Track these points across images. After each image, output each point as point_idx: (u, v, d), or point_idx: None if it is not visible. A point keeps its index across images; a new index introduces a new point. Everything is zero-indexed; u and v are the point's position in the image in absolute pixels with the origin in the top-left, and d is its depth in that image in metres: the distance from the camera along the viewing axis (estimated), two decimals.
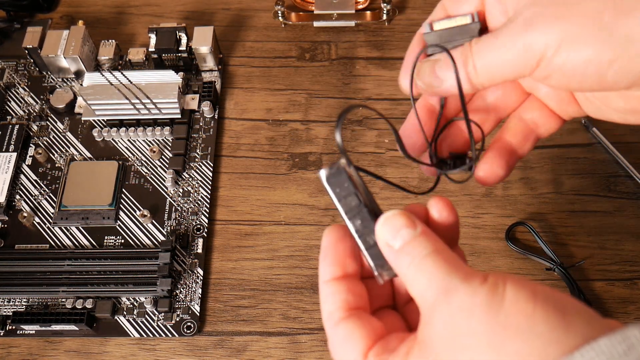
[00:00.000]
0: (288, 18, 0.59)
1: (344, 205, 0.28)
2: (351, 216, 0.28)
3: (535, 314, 0.23)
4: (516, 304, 0.23)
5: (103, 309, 0.46)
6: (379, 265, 0.27)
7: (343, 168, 0.28)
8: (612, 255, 0.47)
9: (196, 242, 0.49)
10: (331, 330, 0.28)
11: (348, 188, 0.28)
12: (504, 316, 0.23)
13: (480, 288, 0.24)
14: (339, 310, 0.28)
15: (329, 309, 0.28)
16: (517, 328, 0.22)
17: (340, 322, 0.28)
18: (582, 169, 0.50)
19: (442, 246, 0.27)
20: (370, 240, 0.27)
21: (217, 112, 0.55)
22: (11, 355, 0.45)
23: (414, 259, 0.26)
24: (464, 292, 0.24)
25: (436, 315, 0.24)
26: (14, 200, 0.51)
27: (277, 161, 0.52)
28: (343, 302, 0.28)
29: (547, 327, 0.22)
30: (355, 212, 0.27)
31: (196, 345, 0.45)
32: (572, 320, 0.22)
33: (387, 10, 0.57)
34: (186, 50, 0.55)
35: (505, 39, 0.27)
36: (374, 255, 0.27)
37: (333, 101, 0.55)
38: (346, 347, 0.27)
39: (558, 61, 0.26)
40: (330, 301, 0.28)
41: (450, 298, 0.24)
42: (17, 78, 0.58)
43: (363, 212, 0.27)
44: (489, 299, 0.23)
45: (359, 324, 0.27)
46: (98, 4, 0.62)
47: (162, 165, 0.52)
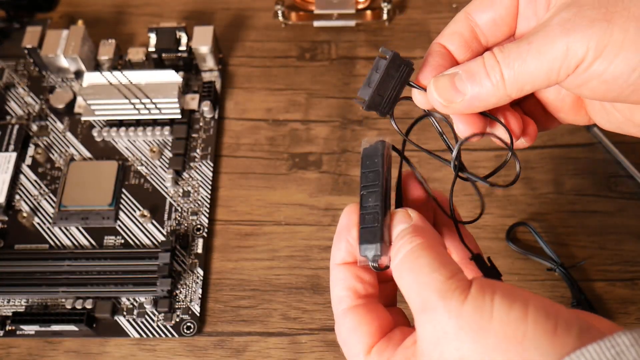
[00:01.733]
0: (288, 18, 0.59)
1: (365, 178, 0.28)
2: (365, 191, 0.27)
3: (526, 337, 0.22)
4: (506, 325, 0.22)
5: (103, 309, 0.46)
6: (362, 247, 0.27)
7: (384, 147, 0.28)
8: (613, 256, 0.47)
9: (196, 242, 0.49)
10: (339, 317, 0.27)
11: (377, 165, 0.27)
12: (492, 340, 0.22)
13: (464, 307, 0.23)
14: (348, 297, 0.27)
15: (338, 293, 0.28)
16: (506, 353, 0.22)
17: (348, 311, 0.27)
18: (583, 169, 0.50)
19: (430, 241, 0.25)
20: (368, 220, 0.27)
21: (217, 112, 0.55)
22: (11, 356, 0.45)
23: (396, 257, 0.26)
24: (447, 314, 0.23)
25: (422, 331, 0.24)
26: (13, 201, 0.51)
27: (277, 161, 0.52)
28: (353, 288, 0.27)
29: (538, 352, 0.21)
30: (370, 189, 0.27)
31: (196, 346, 0.45)
32: (563, 340, 0.22)
33: (388, 10, 0.57)
34: (186, 50, 0.55)
35: (540, 43, 0.25)
36: (363, 236, 0.27)
37: (333, 101, 0.55)
38: (352, 339, 0.27)
39: (598, 68, 0.24)
40: (341, 286, 0.28)
41: (431, 318, 0.23)
42: (16, 78, 0.57)
43: (377, 193, 0.27)
44: (476, 321, 0.22)
45: (367, 318, 0.27)
46: (98, 4, 0.62)
47: (162, 165, 0.52)
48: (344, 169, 0.51)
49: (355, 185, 0.51)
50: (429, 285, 0.24)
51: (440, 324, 0.23)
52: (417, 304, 0.24)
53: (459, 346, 0.22)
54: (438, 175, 0.50)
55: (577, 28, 0.24)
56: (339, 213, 0.49)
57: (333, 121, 0.54)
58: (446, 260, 0.25)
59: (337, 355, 0.44)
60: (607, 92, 0.25)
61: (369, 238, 0.27)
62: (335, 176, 0.51)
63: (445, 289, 0.23)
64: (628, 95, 0.25)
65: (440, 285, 0.23)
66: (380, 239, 0.26)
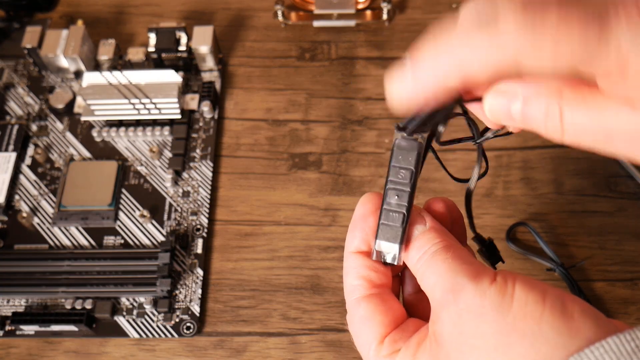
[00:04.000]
0: (288, 18, 0.58)
1: (394, 173, 0.27)
2: (393, 187, 0.27)
3: (543, 318, 0.23)
4: (525, 306, 0.23)
5: (102, 310, 0.46)
6: (382, 244, 0.27)
7: (420, 144, 0.27)
8: (613, 256, 0.47)
9: (196, 243, 0.49)
10: (352, 306, 0.27)
11: (411, 163, 0.27)
12: (511, 319, 0.23)
13: (489, 289, 0.24)
14: (362, 286, 0.27)
15: (351, 282, 0.28)
16: (524, 331, 0.22)
17: (362, 300, 0.27)
18: (583, 169, 0.50)
19: (452, 242, 0.26)
20: (392, 218, 0.27)
21: (217, 112, 0.55)
22: (10, 356, 0.45)
23: (424, 255, 0.26)
24: (472, 293, 0.24)
25: (444, 314, 0.24)
26: (13, 201, 0.51)
27: (277, 161, 0.52)
28: (367, 278, 0.28)
29: (555, 332, 0.22)
30: (400, 187, 0.27)
31: (196, 346, 0.45)
32: (580, 325, 0.22)
33: (388, 10, 0.57)
34: (186, 50, 0.55)
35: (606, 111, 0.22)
36: (383, 233, 0.27)
37: (333, 101, 0.55)
38: (365, 329, 0.27)
39: None
40: (354, 275, 0.28)
41: (458, 298, 0.24)
42: (16, 78, 0.57)
43: (406, 194, 0.27)
44: (498, 301, 0.23)
45: (381, 309, 0.27)
46: (97, 4, 0.62)
47: (162, 165, 0.52)
48: (344, 169, 0.51)
49: (355, 185, 0.51)
50: (461, 272, 0.25)
51: (466, 302, 0.24)
52: (444, 288, 0.25)
53: (479, 324, 0.23)
54: (438, 175, 0.50)
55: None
56: (339, 213, 0.49)
57: (333, 121, 0.54)
58: (473, 258, 0.26)
59: (337, 355, 0.44)
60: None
61: (389, 237, 0.27)
62: (335, 176, 0.51)
63: (475, 274, 0.24)
64: None
65: (471, 272, 0.24)
66: (401, 242, 0.27)
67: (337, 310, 0.46)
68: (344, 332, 0.45)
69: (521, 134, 0.51)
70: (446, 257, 0.25)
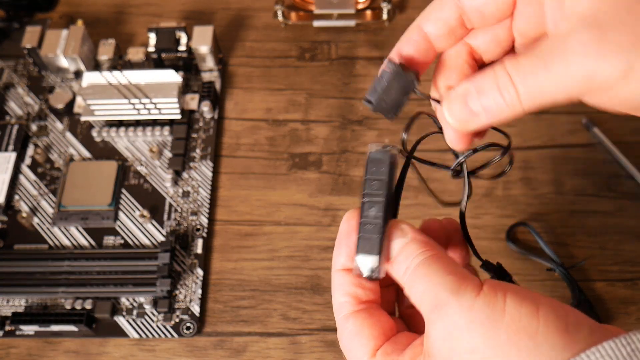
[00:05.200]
0: (288, 18, 0.58)
1: (368, 186, 0.27)
2: (368, 199, 0.27)
3: (538, 332, 0.22)
4: (518, 321, 0.22)
5: (102, 310, 0.45)
6: (360, 257, 0.27)
7: (391, 155, 0.27)
8: (613, 256, 0.47)
9: (196, 243, 0.49)
10: (341, 323, 0.27)
11: (383, 174, 0.27)
12: (504, 334, 0.22)
13: (476, 301, 0.23)
14: (349, 303, 0.27)
15: (338, 299, 0.28)
16: (518, 347, 0.22)
17: (350, 316, 0.27)
18: (583, 169, 0.50)
19: (435, 251, 0.26)
20: (368, 229, 0.27)
21: (217, 112, 0.55)
22: (10, 356, 0.45)
23: (407, 270, 0.26)
24: (459, 307, 0.23)
25: (433, 330, 0.24)
26: (12, 201, 0.51)
27: (277, 161, 0.52)
28: (353, 295, 0.27)
29: (550, 347, 0.22)
30: (374, 198, 0.27)
31: (196, 346, 0.45)
32: (574, 336, 0.22)
33: (388, 10, 0.57)
34: (186, 50, 0.55)
35: (557, 64, 0.23)
36: (361, 246, 0.27)
37: (333, 101, 0.55)
38: (355, 344, 0.27)
39: (626, 91, 0.23)
40: (341, 292, 0.28)
41: (442, 313, 0.24)
42: (16, 78, 0.57)
43: (380, 204, 0.27)
44: (487, 313, 0.23)
45: (369, 322, 0.27)
46: (97, 4, 0.62)
47: (162, 165, 0.52)
48: (344, 169, 0.51)
49: (355, 185, 0.51)
50: (442, 285, 0.24)
51: (452, 317, 0.23)
52: (429, 304, 0.24)
53: (470, 339, 0.23)
54: (438, 175, 0.50)
55: (603, 53, 0.23)
56: (339, 213, 0.49)
57: (333, 121, 0.54)
58: (457, 267, 0.25)
59: (337, 355, 0.44)
60: (632, 110, 0.25)
61: (368, 249, 0.26)
62: (335, 176, 0.51)
63: (457, 286, 0.24)
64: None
65: (452, 285, 0.24)
66: (379, 252, 0.26)
67: None
68: None
69: (521, 133, 0.51)
70: (427, 271, 0.25)
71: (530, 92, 0.24)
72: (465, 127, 0.26)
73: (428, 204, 0.49)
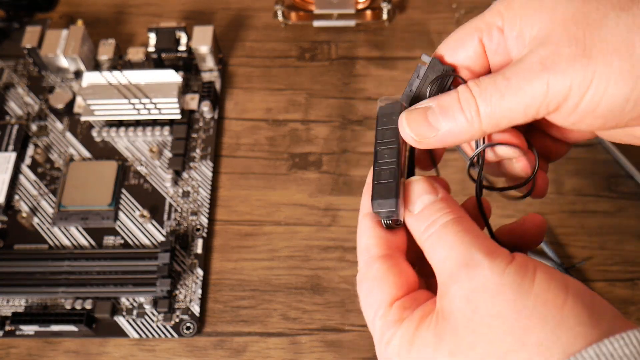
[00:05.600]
0: (288, 18, 0.58)
1: (381, 135, 0.28)
2: (381, 147, 0.27)
3: (565, 306, 0.22)
4: (546, 292, 0.22)
5: (102, 310, 0.45)
6: (376, 203, 0.26)
7: (401, 105, 0.28)
8: (613, 256, 0.47)
9: (196, 243, 0.49)
10: (365, 265, 0.27)
11: (394, 122, 0.28)
12: (532, 303, 0.22)
13: (508, 268, 0.23)
14: (376, 246, 0.27)
15: (365, 241, 0.27)
16: (545, 318, 0.22)
17: (376, 259, 0.26)
18: (583, 169, 0.50)
19: (464, 215, 0.25)
20: (383, 175, 0.27)
21: (217, 112, 0.55)
22: (10, 356, 0.45)
23: (432, 225, 0.25)
24: (490, 270, 0.23)
25: (455, 288, 0.24)
26: (12, 201, 0.51)
27: (277, 161, 0.52)
28: (381, 238, 0.27)
29: (576, 321, 0.22)
30: (387, 146, 0.27)
31: (196, 346, 0.45)
32: (600, 318, 0.22)
33: (388, 10, 0.57)
34: (186, 50, 0.55)
35: (519, 79, 0.25)
36: (377, 191, 0.27)
37: (333, 101, 0.55)
38: (375, 289, 0.26)
39: (589, 106, 0.24)
40: (368, 234, 0.27)
41: (472, 273, 0.23)
42: (16, 78, 0.57)
43: (393, 150, 0.27)
44: (518, 282, 0.23)
45: (395, 270, 0.26)
46: (97, 4, 0.62)
47: (162, 165, 0.52)
48: (344, 169, 0.51)
49: (355, 185, 0.51)
50: (474, 245, 0.24)
51: (482, 279, 0.23)
52: (456, 262, 0.24)
53: (496, 303, 0.23)
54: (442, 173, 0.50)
55: (557, 67, 0.24)
56: (339, 213, 0.49)
57: (333, 121, 0.54)
58: (486, 236, 0.25)
59: (337, 355, 0.44)
60: (605, 124, 0.25)
61: (383, 193, 0.26)
62: (335, 176, 0.51)
63: (492, 249, 0.24)
64: (627, 122, 0.25)
65: (487, 246, 0.24)
66: (396, 195, 0.26)
67: (337, 311, 0.46)
68: (344, 332, 0.45)
69: None
70: (458, 230, 0.25)
71: (490, 110, 0.25)
72: (423, 142, 0.27)
73: None
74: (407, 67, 0.56)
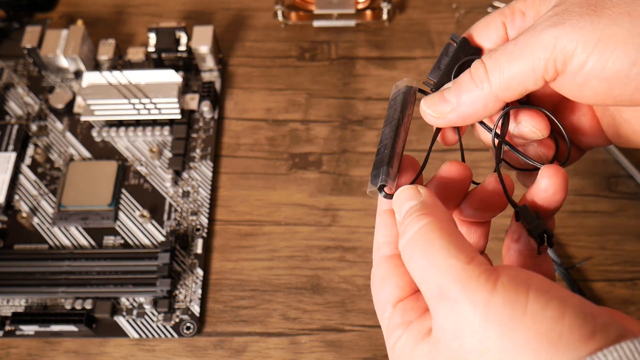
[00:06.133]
0: (288, 18, 0.58)
1: (386, 118, 0.29)
2: (384, 127, 0.29)
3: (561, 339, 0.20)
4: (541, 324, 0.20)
5: (102, 310, 0.45)
6: (371, 175, 0.28)
7: (407, 88, 0.29)
8: (613, 256, 0.47)
9: (196, 243, 0.49)
10: (375, 264, 0.27)
11: (396, 103, 0.29)
12: (523, 337, 0.21)
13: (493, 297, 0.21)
14: (387, 245, 0.27)
15: (379, 239, 0.28)
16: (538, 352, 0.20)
17: (384, 259, 0.27)
18: (583, 169, 0.50)
19: (443, 219, 0.24)
20: (381, 150, 0.28)
21: (217, 112, 0.55)
22: (10, 356, 0.45)
23: (407, 232, 0.24)
24: (471, 306, 0.21)
25: (441, 317, 0.23)
26: (12, 201, 0.51)
27: (277, 161, 0.52)
28: (392, 237, 0.27)
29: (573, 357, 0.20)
30: (387, 124, 0.29)
31: (196, 346, 0.45)
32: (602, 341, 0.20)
33: (388, 10, 0.57)
34: (186, 50, 0.55)
35: (526, 37, 0.25)
36: (374, 165, 0.28)
37: (333, 101, 0.55)
38: (381, 289, 0.26)
39: (596, 66, 0.24)
40: (382, 233, 0.28)
41: (451, 308, 0.22)
42: (16, 78, 0.57)
43: (391, 125, 0.28)
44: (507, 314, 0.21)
45: (399, 271, 0.26)
46: (97, 4, 0.62)
47: (162, 165, 0.52)
48: (344, 169, 0.51)
49: (355, 185, 0.51)
50: (447, 273, 0.22)
51: (463, 314, 0.21)
52: (432, 291, 0.23)
53: (483, 339, 0.21)
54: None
55: (564, 22, 0.24)
56: (339, 213, 0.49)
57: (333, 121, 0.54)
58: (460, 242, 0.23)
59: (337, 355, 0.44)
60: (609, 91, 0.25)
61: (377, 165, 0.27)
62: (335, 176, 0.51)
63: (467, 277, 0.22)
64: (631, 93, 0.24)
65: (460, 273, 0.22)
66: (387, 163, 0.27)
67: (337, 311, 0.46)
68: (344, 332, 0.45)
69: None
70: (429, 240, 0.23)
71: (499, 72, 0.26)
72: (441, 118, 0.28)
73: None
74: (407, 67, 0.56)
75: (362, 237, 0.48)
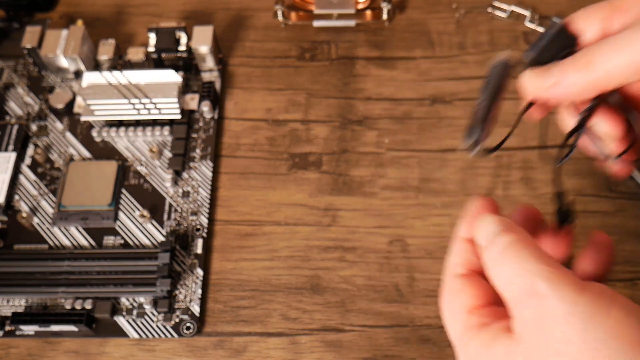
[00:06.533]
0: (288, 18, 0.58)
1: (482, 89, 0.31)
2: (481, 92, 0.31)
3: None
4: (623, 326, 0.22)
5: (102, 310, 0.45)
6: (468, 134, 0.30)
7: (500, 60, 0.31)
8: None
9: (196, 243, 0.49)
10: (449, 280, 0.29)
11: (494, 73, 0.31)
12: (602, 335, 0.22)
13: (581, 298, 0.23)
14: (462, 266, 0.29)
15: (454, 260, 0.29)
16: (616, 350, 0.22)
17: (459, 276, 0.28)
18: (583, 169, 0.50)
19: (526, 235, 0.26)
20: (476, 112, 0.30)
21: (217, 112, 0.55)
22: (10, 356, 0.45)
23: (495, 246, 0.26)
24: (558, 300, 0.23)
25: (525, 313, 0.24)
26: (12, 201, 0.51)
27: (277, 161, 0.52)
28: (468, 260, 0.29)
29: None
30: (482, 91, 0.31)
31: (196, 346, 0.45)
32: None
33: (388, 10, 0.57)
34: (186, 50, 0.55)
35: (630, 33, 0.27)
36: (468, 127, 0.30)
37: (333, 101, 0.55)
38: (456, 298, 0.28)
39: None
40: (457, 254, 0.29)
41: (539, 302, 0.23)
42: (16, 78, 0.57)
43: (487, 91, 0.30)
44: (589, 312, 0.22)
45: (475, 284, 0.28)
46: (97, 4, 0.62)
47: (162, 165, 0.52)
48: (344, 169, 0.51)
49: (355, 185, 0.51)
50: (537, 274, 0.24)
51: (550, 307, 0.23)
52: (520, 289, 0.24)
53: (565, 330, 0.22)
54: (438, 175, 0.50)
55: None
56: (339, 213, 0.49)
57: (333, 121, 0.54)
58: (548, 256, 0.25)
59: (337, 355, 0.44)
60: None
61: (472, 124, 0.30)
62: (335, 176, 0.51)
63: (557, 278, 0.23)
64: None
65: (551, 275, 0.24)
66: (483, 120, 0.29)
67: (337, 311, 0.46)
68: (344, 332, 0.45)
69: (521, 133, 0.51)
70: (520, 254, 0.25)
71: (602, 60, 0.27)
72: (540, 92, 0.30)
73: (428, 204, 0.49)
74: (407, 67, 0.56)
75: (362, 237, 0.48)
